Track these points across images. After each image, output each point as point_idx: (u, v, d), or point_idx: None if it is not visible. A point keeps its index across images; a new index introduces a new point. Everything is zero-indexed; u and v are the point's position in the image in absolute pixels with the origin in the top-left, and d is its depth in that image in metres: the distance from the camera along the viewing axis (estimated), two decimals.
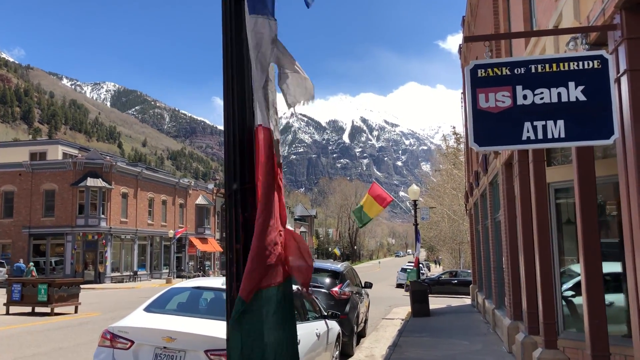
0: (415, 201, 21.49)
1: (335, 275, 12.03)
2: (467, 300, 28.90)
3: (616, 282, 8.49)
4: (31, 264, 38.99)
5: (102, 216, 44.76)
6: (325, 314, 8.86)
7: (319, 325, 8.20)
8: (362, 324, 14.09)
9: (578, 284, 9.39)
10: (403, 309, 24.25)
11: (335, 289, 11.67)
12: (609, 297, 8.61)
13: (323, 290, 11.65)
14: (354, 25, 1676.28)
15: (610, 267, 9.00)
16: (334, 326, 9.30)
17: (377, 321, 19.38)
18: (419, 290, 19.14)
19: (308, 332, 7.55)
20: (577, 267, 9.50)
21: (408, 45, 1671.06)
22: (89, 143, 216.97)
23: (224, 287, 4.60)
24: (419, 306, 18.93)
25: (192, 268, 58.41)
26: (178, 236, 51.36)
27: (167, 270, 53.95)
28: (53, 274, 43.04)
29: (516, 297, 11.05)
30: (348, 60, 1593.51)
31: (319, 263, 12.84)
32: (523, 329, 9.74)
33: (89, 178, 44.48)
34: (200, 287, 7.20)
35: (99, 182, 44.57)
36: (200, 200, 61.51)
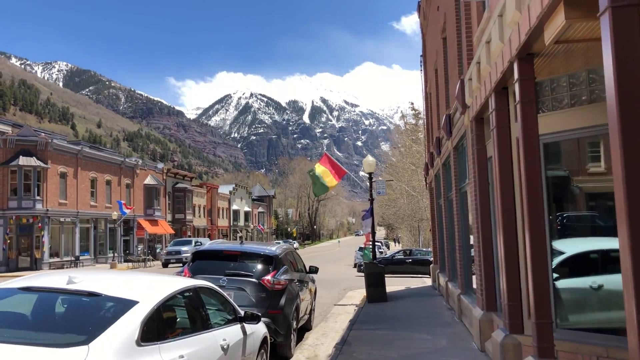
0: (370, 174, 19.31)
1: (268, 261, 9.72)
2: (426, 281, 27.08)
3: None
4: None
5: (38, 198, 41.33)
6: (241, 314, 6.57)
7: (228, 333, 5.91)
8: (307, 316, 11.85)
9: (569, 263, 7.37)
10: (359, 292, 22.17)
11: (268, 277, 9.36)
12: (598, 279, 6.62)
13: (252, 279, 9.34)
14: (306, 4, 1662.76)
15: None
16: (257, 329, 7.03)
17: (329, 308, 17.23)
18: (375, 272, 17.03)
19: (207, 346, 5.27)
20: (568, 244, 7.47)
21: (362, 25, 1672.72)
22: (40, 124, 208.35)
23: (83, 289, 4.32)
24: (375, 290, 16.84)
25: (142, 252, 55.28)
26: (122, 218, 48.15)
27: (113, 255, 50.83)
28: None
29: (489, 283, 8.97)
30: (302, 40, 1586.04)
31: (248, 246, 10.50)
32: (501, 325, 7.64)
33: (21, 157, 40.91)
34: (32, 289, 4.76)
35: (32, 161, 41.05)
36: (149, 180, 58.24)
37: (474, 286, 9.92)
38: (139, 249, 55.35)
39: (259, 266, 9.65)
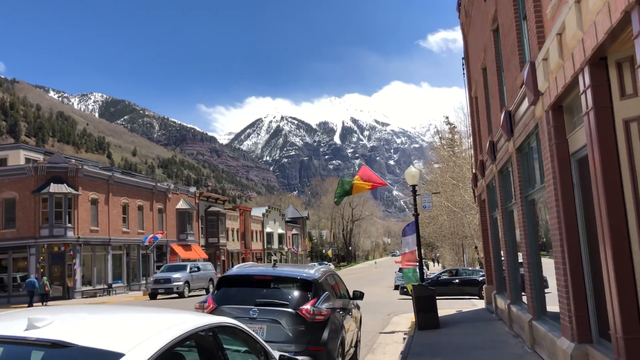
0: (414, 186, 17.63)
1: (307, 286, 8.15)
2: (476, 303, 25.09)
3: None
4: (45, 278, 36.20)
5: (69, 225, 40.63)
6: (274, 357, 5.01)
7: None
8: (353, 349, 10.20)
9: None
10: (405, 317, 20.38)
11: (307, 306, 7.79)
12: None
13: (288, 309, 7.77)
14: (331, 27, 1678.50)
15: None
16: None
17: (374, 337, 15.52)
18: (425, 295, 15.26)
19: None
20: None
21: (388, 44, 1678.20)
22: (77, 154, 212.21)
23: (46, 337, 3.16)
24: (426, 316, 15.06)
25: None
26: (152, 243, 47.07)
27: (146, 281, 49.80)
28: (19, 291, 38.92)
29: (580, 308, 7.23)
30: (328, 62, 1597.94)
31: (282, 269, 8.95)
32: None
33: (52, 184, 40.35)
34: None
35: (63, 188, 40.44)
36: (181, 205, 57.42)
37: (562, 314, 8.14)
38: None
39: (296, 293, 8.10)
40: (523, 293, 12.90)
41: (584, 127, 6.81)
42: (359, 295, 10.87)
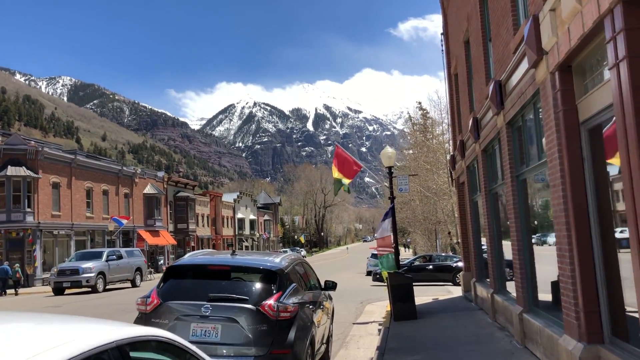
0: (390, 168, 16.51)
1: (270, 278, 6.94)
2: (451, 290, 24.25)
3: None
4: (17, 264, 34.04)
5: (28, 210, 38.68)
6: None
7: None
8: (324, 346, 9.04)
9: None
10: (379, 306, 19.38)
11: (270, 301, 6.58)
12: None
13: (247, 306, 6.54)
14: (301, 12, 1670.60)
15: None
16: None
17: (347, 328, 14.44)
18: (401, 284, 14.19)
19: None
20: None
21: (359, 32, 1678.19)
22: (45, 139, 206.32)
23: None
24: (402, 306, 14.01)
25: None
26: (117, 228, 45.30)
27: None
28: None
29: (590, 302, 6.18)
30: (299, 48, 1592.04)
31: (242, 257, 7.65)
32: None
33: (9, 166, 38.30)
34: None
35: (22, 171, 38.41)
36: (148, 190, 55.58)
37: (565, 308, 7.08)
38: None
39: (258, 286, 6.88)
40: (508, 281, 11.93)
41: (599, 89, 5.73)
42: (331, 286, 9.72)
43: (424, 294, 20.67)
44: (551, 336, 7.52)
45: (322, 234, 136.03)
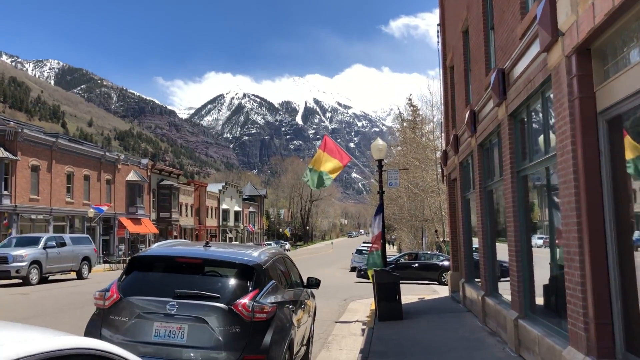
0: (380, 161, 15.82)
1: (247, 274, 6.20)
2: (436, 289, 23.70)
3: None
4: None
5: (5, 192, 37.57)
6: None
7: None
8: (304, 348, 8.34)
9: None
10: (362, 304, 18.74)
11: (244, 300, 5.85)
12: None
13: (218, 304, 5.80)
14: (292, 4, 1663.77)
15: None
16: None
17: (328, 327, 13.76)
18: (388, 282, 13.53)
19: None
20: None
21: (350, 27, 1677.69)
22: (30, 122, 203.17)
23: None
24: (388, 305, 13.35)
25: (124, 253, 51.43)
26: (96, 215, 44.22)
27: None
28: None
29: (602, 312, 5.53)
30: (290, 41, 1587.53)
31: (216, 250, 6.85)
32: None
33: None
34: None
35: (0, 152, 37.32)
36: (131, 177, 54.52)
37: (573, 318, 6.42)
38: (121, 249, 51.61)
39: (232, 282, 6.14)
40: (501, 283, 11.31)
41: (624, 74, 5.06)
42: (314, 283, 9.02)
43: (409, 293, 20.08)
44: (552, 347, 6.88)
45: (308, 228, 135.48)
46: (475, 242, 13.92)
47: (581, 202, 5.80)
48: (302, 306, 7.94)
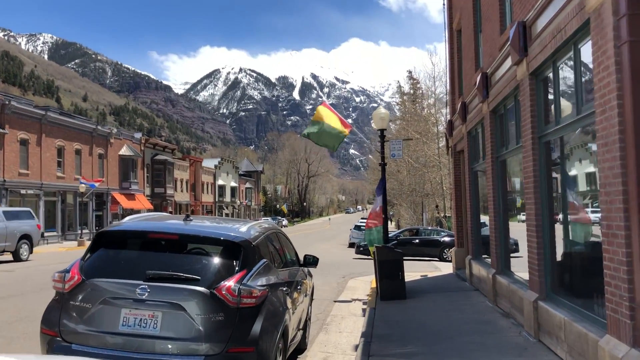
0: (382, 130, 14.86)
1: (232, 252, 5.28)
2: (438, 265, 22.95)
3: None
4: None
5: None
6: None
7: None
8: (300, 332, 7.48)
9: None
10: (362, 281, 17.95)
11: (229, 283, 4.95)
12: None
13: (197, 288, 4.89)
14: None
15: None
16: None
17: (327, 306, 12.96)
18: (390, 259, 12.67)
19: None
20: None
21: (347, 1, 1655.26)
22: (24, 97, 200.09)
23: None
24: (390, 284, 12.52)
25: None
26: (91, 191, 43.19)
27: (85, 231, 46.09)
28: None
29: None
30: (285, 15, 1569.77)
31: (197, 225, 5.89)
32: None
33: None
34: None
35: None
36: (124, 151, 53.41)
37: (610, 305, 5.54)
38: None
39: (215, 262, 5.23)
40: (513, 259, 10.47)
41: None
42: (311, 261, 8.12)
43: (410, 270, 19.23)
44: (584, 335, 6.02)
45: (305, 204, 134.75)
46: (484, 217, 13.06)
47: (629, 166, 4.88)
48: (298, 287, 7.07)
